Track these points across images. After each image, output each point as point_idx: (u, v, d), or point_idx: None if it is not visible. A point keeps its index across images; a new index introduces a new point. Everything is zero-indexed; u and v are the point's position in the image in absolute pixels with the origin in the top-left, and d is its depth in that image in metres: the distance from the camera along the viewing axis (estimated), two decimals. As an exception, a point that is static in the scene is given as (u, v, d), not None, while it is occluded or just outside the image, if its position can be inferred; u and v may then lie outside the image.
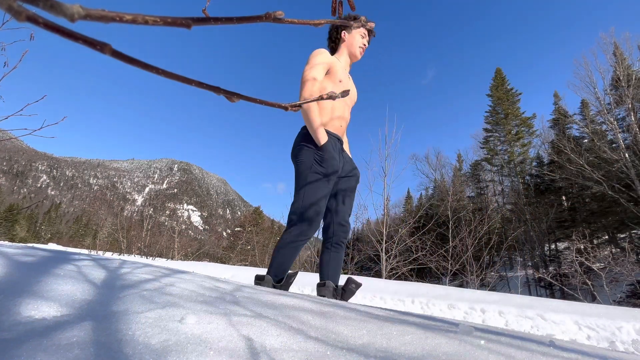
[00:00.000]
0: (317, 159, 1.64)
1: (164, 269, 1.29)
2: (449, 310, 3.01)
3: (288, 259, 1.64)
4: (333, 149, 1.69)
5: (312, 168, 1.63)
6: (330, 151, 1.66)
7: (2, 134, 3.49)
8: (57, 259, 1.13)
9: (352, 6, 0.39)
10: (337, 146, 1.76)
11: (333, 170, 1.65)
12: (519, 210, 22.54)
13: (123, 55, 0.20)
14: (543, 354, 0.70)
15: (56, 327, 0.55)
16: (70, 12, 0.16)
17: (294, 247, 1.63)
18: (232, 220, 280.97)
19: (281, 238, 1.67)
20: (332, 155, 1.66)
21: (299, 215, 1.61)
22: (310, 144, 1.66)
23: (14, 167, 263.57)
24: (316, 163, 1.64)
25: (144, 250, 19.96)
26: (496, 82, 28.14)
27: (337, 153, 1.73)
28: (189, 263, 8.47)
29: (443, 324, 0.94)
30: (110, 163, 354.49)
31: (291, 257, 1.65)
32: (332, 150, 1.67)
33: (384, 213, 8.33)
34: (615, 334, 2.30)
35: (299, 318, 0.81)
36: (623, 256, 10.53)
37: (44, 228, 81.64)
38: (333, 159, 1.66)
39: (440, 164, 30.24)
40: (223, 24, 0.22)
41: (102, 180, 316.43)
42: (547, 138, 24.46)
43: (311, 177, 1.62)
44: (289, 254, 1.63)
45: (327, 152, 1.65)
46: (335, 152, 1.70)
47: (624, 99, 16.78)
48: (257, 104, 0.28)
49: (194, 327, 0.63)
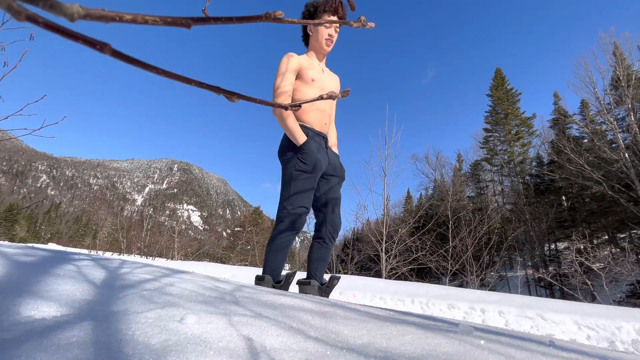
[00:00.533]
0: (300, 158, 1.70)
1: (164, 269, 1.29)
2: (449, 310, 3.01)
3: (280, 254, 1.69)
4: (315, 146, 1.74)
5: (296, 166, 1.69)
6: (312, 149, 1.71)
7: (2, 133, 3.49)
8: (57, 259, 1.13)
9: (352, 6, 0.39)
10: (321, 144, 1.79)
11: (315, 168, 1.70)
12: (518, 210, 22.54)
13: (123, 55, 0.20)
14: (543, 354, 0.70)
15: (56, 327, 0.55)
16: (70, 11, 0.16)
17: (283, 242, 1.69)
18: (232, 220, 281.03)
19: (271, 235, 1.73)
20: (313, 152, 1.70)
21: (286, 211, 1.67)
22: (293, 145, 1.73)
23: (13, 167, 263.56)
24: (300, 161, 1.70)
25: (144, 250, 19.96)
26: (496, 82, 28.13)
27: (321, 150, 1.77)
28: (189, 263, 8.47)
29: (443, 324, 0.94)
30: (110, 163, 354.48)
31: (283, 253, 1.70)
32: (313, 148, 1.72)
33: (383, 213, 8.33)
34: (615, 334, 2.30)
35: (299, 318, 0.81)
36: (623, 256, 10.53)
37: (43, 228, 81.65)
38: (315, 156, 1.70)
39: (440, 164, 30.27)
40: (223, 23, 0.22)
41: (102, 180, 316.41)
42: (547, 138, 24.47)
43: (295, 174, 1.69)
44: (280, 250, 1.69)
45: (309, 149, 1.70)
46: (317, 149, 1.74)
47: (623, 99, 16.78)
48: (257, 103, 0.28)
49: (193, 327, 0.63)
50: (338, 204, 1.89)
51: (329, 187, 1.85)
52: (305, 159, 1.69)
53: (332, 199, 1.86)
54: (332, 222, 1.85)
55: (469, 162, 30.95)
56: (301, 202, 1.67)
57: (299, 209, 1.67)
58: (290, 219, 1.66)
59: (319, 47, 1.86)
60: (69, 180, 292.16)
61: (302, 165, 1.69)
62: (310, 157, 1.69)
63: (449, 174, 29.91)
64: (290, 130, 1.68)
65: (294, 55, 1.77)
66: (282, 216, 1.67)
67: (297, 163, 1.69)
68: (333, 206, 1.86)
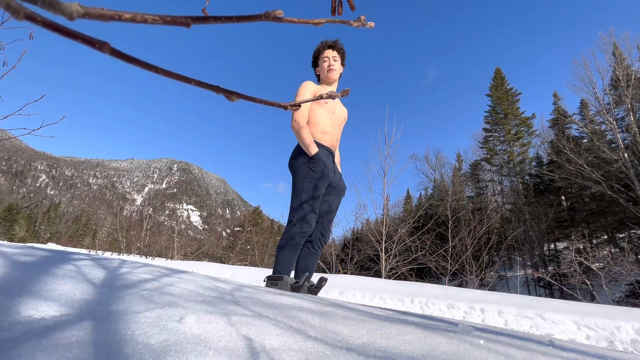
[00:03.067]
0: (310, 167, 1.90)
1: (164, 269, 1.29)
2: (449, 310, 3.02)
3: (291, 256, 1.82)
4: (325, 158, 1.94)
5: (307, 175, 1.89)
6: (322, 159, 1.91)
7: (1, 133, 3.48)
8: (56, 259, 1.13)
9: (351, 6, 0.39)
10: (329, 157, 2.01)
11: (324, 176, 1.90)
12: (518, 210, 22.55)
13: (122, 54, 0.20)
14: (542, 354, 0.70)
15: (55, 327, 0.55)
16: (69, 10, 0.16)
17: (294, 244, 1.83)
18: (231, 220, 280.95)
19: (282, 237, 1.87)
20: (323, 162, 1.91)
21: (297, 215, 1.83)
22: (304, 155, 1.93)
23: (13, 167, 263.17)
24: (310, 170, 1.89)
25: (144, 250, 19.93)
26: (496, 82, 28.13)
27: (329, 161, 1.98)
28: (189, 263, 8.47)
29: (442, 323, 0.94)
30: (109, 163, 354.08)
31: (294, 254, 1.83)
32: (323, 158, 1.92)
33: (383, 213, 8.33)
34: (614, 334, 2.31)
35: (299, 318, 0.81)
36: (622, 256, 10.53)
37: (43, 228, 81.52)
38: (324, 166, 1.91)
39: (439, 164, 30.30)
40: (222, 23, 0.22)
41: (102, 179, 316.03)
42: (547, 138, 24.48)
43: (307, 182, 1.88)
44: (291, 251, 1.82)
45: (318, 160, 1.91)
46: (326, 160, 1.95)
47: (623, 99, 16.79)
48: (257, 103, 0.28)
49: (193, 326, 0.63)
50: (332, 216, 2.07)
51: (330, 198, 2.04)
52: (315, 167, 1.89)
53: (330, 210, 2.05)
54: (324, 231, 2.04)
55: (468, 162, 30.98)
56: (311, 207, 1.85)
57: (309, 214, 1.84)
58: (301, 223, 1.82)
59: (325, 77, 2.14)
60: (68, 180, 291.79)
61: (312, 173, 1.88)
62: (319, 165, 1.89)
63: (448, 173, 29.96)
64: (305, 142, 1.89)
65: (310, 83, 2.06)
66: (294, 219, 1.84)
67: (308, 171, 1.89)
68: (328, 216, 2.04)
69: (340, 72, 2.19)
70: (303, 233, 1.82)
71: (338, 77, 2.16)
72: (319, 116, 2.02)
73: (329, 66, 2.11)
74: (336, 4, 0.39)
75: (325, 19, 0.27)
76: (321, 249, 2.03)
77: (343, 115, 2.20)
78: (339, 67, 2.14)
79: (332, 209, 2.05)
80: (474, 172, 29.86)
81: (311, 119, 2.00)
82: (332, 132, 2.07)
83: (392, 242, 7.99)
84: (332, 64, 2.11)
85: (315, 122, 2.01)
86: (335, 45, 2.13)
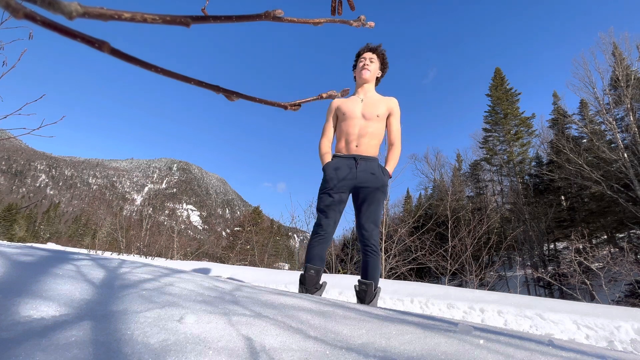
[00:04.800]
0: (323, 179, 2.13)
1: (163, 269, 1.29)
2: (448, 309, 3.02)
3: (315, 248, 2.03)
4: (334, 169, 2.09)
5: (320, 186, 2.13)
6: (328, 172, 2.09)
7: (1, 133, 3.48)
8: (56, 259, 1.13)
9: (351, 6, 0.39)
10: (343, 165, 2.10)
11: (329, 187, 2.06)
12: (518, 210, 22.56)
13: (122, 53, 0.20)
14: (542, 353, 0.70)
15: (55, 327, 0.55)
16: (68, 9, 0.16)
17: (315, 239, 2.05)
18: (231, 219, 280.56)
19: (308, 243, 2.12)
20: (330, 174, 2.08)
21: (316, 221, 2.12)
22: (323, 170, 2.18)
23: (12, 167, 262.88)
24: (322, 182, 2.13)
25: (143, 249, 19.91)
26: (495, 82, 28.13)
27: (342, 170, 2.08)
28: (188, 263, 8.46)
29: (442, 323, 0.94)
30: (109, 162, 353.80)
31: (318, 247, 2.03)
32: (330, 170, 2.10)
33: (383, 212, 8.33)
34: (613, 334, 2.31)
35: (299, 318, 0.81)
36: (622, 256, 10.54)
37: (42, 228, 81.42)
38: (330, 177, 2.07)
39: (439, 164, 30.28)
40: (222, 22, 0.22)
41: (101, 179, 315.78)
42: (546, 138, 24.48)
43: (320, 192, 2.12)
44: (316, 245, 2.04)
45: (325, 173, 2.12)
46: (335, 171, 2.09)
47: (622, 99, 16.79)
48: (257, 102, 0.28)
49: (193, 326, 0.63)
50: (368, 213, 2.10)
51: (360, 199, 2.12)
52: (324, 179, 2.10)
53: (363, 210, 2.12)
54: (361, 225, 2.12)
55: (468, 162, 30.99)
56: (324, 214, 2.05)
57: (323, 220, 2.05)
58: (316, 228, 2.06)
59: (359, 78, 2.24)
60: (68, 180, 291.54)
61: (322, 184, 2.11)
62: (325, 177, 2.10)
63: (448, 173, 29.96)
64: (319, 155, 2.19)
65: (332, 102, 2.21)
66: (315, 224, 2.10)
67: (322, 183, 2.12)
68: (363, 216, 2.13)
69: (377, 75, 2.25)
70: (322, 230, 2.05)
71: (372, 78, 2.21)
72: (339, 128, 2.19)
73: (364, 66, 2.19)
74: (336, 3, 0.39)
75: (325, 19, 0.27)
76: (369, 250, 2.12)
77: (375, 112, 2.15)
78: (375, 69, 2.20)
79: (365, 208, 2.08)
80: (474, 172, 29.87)
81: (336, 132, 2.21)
82: (351, 136, 2.14)
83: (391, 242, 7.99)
84: (368, 64, 2.18)
85: (337, 136, 2.20)
86: (374, 49, 2.23)
